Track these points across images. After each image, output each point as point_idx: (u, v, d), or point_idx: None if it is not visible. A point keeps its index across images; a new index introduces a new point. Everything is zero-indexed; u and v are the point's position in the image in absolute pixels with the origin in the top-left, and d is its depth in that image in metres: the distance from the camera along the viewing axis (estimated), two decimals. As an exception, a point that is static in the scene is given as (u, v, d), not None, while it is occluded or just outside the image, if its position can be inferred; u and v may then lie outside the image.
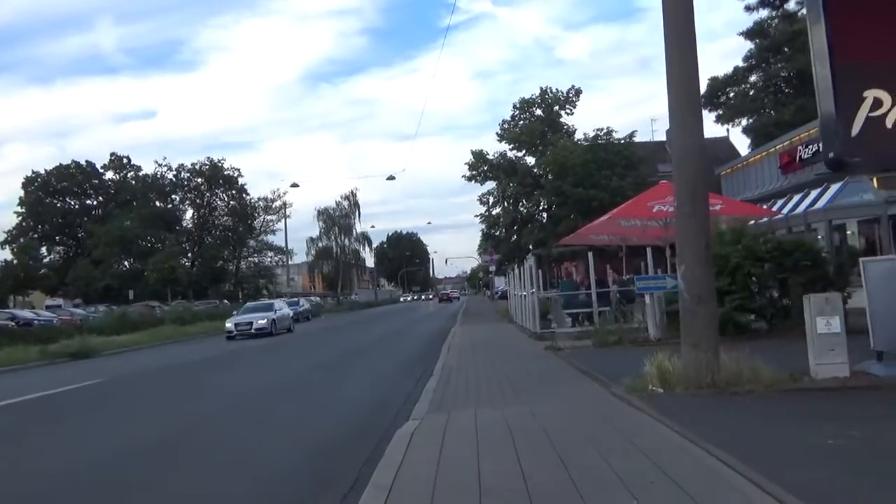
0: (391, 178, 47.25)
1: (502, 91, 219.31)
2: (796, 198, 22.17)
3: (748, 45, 44.59)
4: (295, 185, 52.67)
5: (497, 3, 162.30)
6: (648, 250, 16.80)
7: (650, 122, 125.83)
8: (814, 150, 22.07)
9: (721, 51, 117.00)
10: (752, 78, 45.86)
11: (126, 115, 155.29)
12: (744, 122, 46.23)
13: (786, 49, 42.55)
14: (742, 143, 61.08)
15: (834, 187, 19.67)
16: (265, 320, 29.35)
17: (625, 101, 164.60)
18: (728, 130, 73.22)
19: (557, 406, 7.62)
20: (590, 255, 17.31)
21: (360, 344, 22.33)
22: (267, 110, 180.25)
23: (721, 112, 46.88)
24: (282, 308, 33.36)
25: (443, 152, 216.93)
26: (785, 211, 21.57)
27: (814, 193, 20.93)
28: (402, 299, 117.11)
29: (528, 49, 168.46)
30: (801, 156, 22.82)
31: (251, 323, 29.05)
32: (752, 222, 15.48)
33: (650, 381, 7.55)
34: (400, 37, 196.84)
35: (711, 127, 44.68)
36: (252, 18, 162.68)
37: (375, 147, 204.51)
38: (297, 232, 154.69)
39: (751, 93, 45.36)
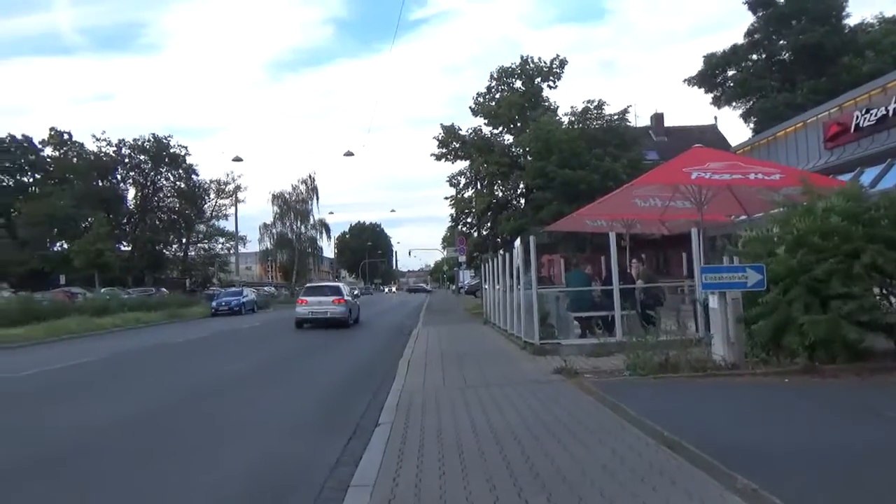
0: (349, 153, 41.75)
1: (469, 86, 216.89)
2: (871, 171, 17.17)
3: (750, 19, 40.23)
4: (238, 160, 46.42)
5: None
6: (693, 231, 11.94)
7: (631, 107, 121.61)
8: (878, 114, 17.45)
9: (718, 23, 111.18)
10: (753, 56, 41.38)
11: (82, 98, 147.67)
12: (742, 105, 41.78)
13: (793, 22, 38.26)
14: (735, 130, 57.10)
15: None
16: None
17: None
18: (716, 119, 69.61)
19: None
20: (611, 234, 12.39)
21: (286, 350, 17.00)
22: (229, 98, 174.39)
23: (718, 93, 42.46)
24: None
25: (408, 144, 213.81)
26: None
27: (902, 164, 16.08)
28: None
29: (494, 44, 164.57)
30: (858, 123, 18.10)
31: None
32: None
33: None
34: (365, 29, 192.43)
35: (704, 111, 40.52)
36: (217, 4, 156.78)
37: (340, 137, 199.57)
38: (256, 220, 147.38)
39: (751, 71, 40.76)
